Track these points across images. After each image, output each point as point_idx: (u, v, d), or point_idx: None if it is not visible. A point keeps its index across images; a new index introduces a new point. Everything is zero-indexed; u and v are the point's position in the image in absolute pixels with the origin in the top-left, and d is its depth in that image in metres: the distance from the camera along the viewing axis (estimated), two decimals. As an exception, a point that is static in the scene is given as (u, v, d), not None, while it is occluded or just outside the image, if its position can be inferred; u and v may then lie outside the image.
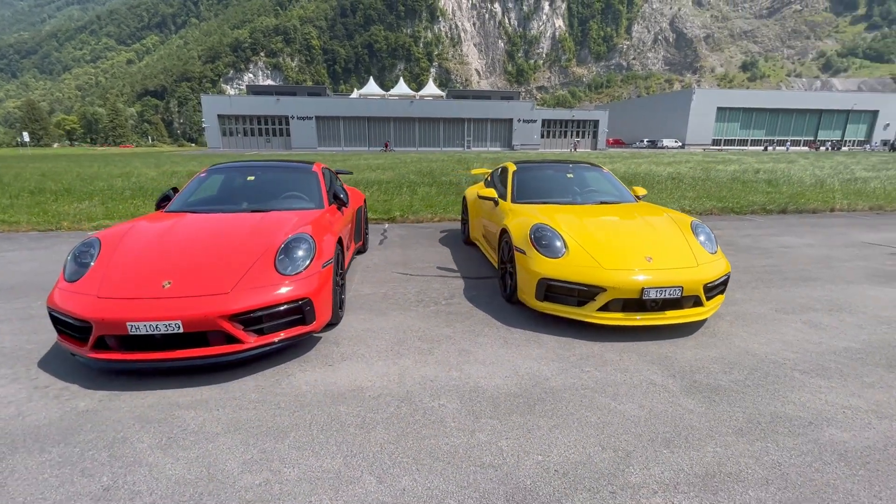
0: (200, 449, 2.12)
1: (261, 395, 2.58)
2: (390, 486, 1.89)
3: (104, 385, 2.65)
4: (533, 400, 2.53)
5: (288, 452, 2.09)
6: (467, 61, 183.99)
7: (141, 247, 3.04)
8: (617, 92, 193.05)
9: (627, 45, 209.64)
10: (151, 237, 3.19)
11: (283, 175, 4.49)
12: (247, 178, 4.37)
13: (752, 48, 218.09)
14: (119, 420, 2.33)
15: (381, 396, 2.56)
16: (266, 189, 4.25)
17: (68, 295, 2.67)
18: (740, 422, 2.33)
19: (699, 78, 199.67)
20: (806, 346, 3.20)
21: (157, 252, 2.98)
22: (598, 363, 2.96)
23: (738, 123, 71.52)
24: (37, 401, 2.50)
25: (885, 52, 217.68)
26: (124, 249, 2.99)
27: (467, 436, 2.22)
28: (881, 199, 10.23)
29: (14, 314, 3.75)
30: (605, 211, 4.24)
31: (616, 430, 2.27)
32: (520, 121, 62.32)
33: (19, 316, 3.72)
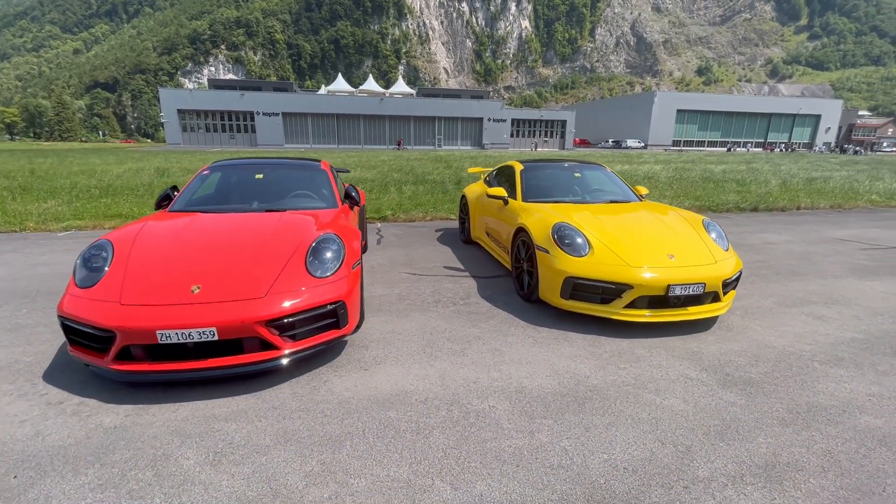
0: (254, 463, 2.00)
1: (301, 403, 2.47)
2: (466, 492, 1.85)
3: (125, 398, 2.47)
4: (580, 398, 2.54)
5: (349, 462, 2.01)
6: (435, 59, 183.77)
7: (158, 250, 2.84)
8: (581, 93, 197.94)
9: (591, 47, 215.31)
10: (167, 239, 2.99)
11: (291, 173, 4.32)
12: (255, 177, 4.17)
13: (706, 54, 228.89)
14: (155, 436, 2.17)
15: (428, 400, 2.51)
16: (276, 188, 4.08)
17: (85, 302, 2.46)
18: (781, 412, 2.43)
19: (658, 81, 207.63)
20: (816, 338, 3.37)
21: (177, 255, 2.79)
22: (630, 360, 3.01)
23: (696, 125, 74.84)
24: (54, 418, 2.30)
25: (825, 61, 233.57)
26: (140, 253, 2.79)
27: (527, 437, 2.20)
28: (839, 198, 10.95)
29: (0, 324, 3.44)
30: (617, 210, 4.32)
31: (669, 425, 2.31)
32: (490, 120, 62.83)
33: (5, 326, 3.41)
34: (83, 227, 7.10)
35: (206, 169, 4.21)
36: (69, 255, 5.44)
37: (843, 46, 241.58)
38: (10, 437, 2.14)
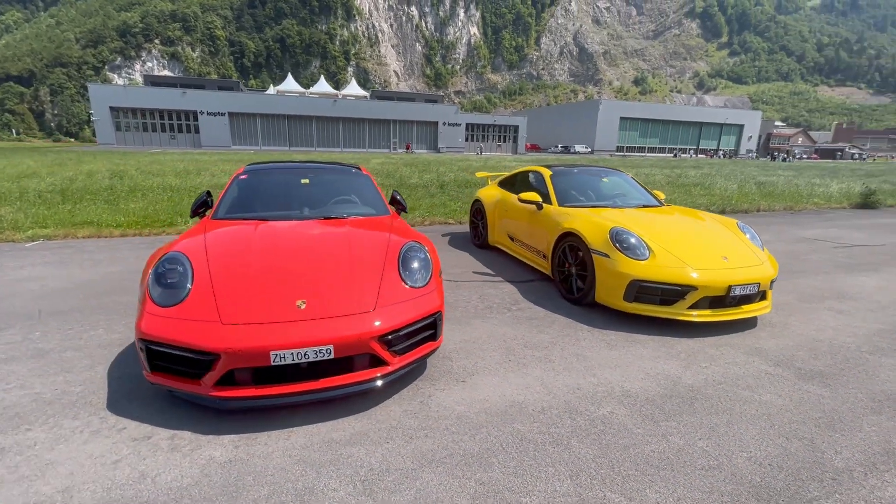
0: (410, 489, 1.87)
1: (419, 421, 2.35)
2: (641, 501, 1.84)
3: (220, 428, 2.23)
4: (686, 398, 2.61)
5: (508, 480, 1.94)
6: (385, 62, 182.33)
7: (239, 261, 2.59)
8: (529, 99, 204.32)
9: (537, 55, 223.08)
10: (242, 249, 2.73)
11: (335, 178, 4.10)
12: (300, 181, 3.92)
13: (642, 65, 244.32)
14: (282, 467, 1.98)
15: (545, 410, 2.47)
16: (323, 193, 3.85)
17: (176, 323, 2.19)
18: (865, 401, 2.62)
19: (599, 90, 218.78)
20: (852, 331, 3.67)
21: (263, 267, 2.56)
22: (706, 359, 3.13)
23: (637, 132, 79.54)
24: (152, 456, 2.03)
25: (743, 76, 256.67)
26: (220, 265, 2.53)
27: (662, 441, 2.22)
28: (789, 201, 12.03)
29: (17, 351, 2.99)
30: (656, 214, 4.48)
31: (780, 419, 2.42)
32: (445, 124, 63.27)
33: (26, 353, 2.98)
34: (52, 236, 6.36)
35: (244, 173, 3.90)
36: (51, 269, 4.85)
37: (758, 63, 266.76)
38: (112, 483, 1.87)
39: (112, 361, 2.88)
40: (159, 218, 7.51)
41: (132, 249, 5.82)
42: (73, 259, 5.29)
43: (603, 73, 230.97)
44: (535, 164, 26.67)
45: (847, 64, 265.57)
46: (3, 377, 2.67)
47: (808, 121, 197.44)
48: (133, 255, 5.56)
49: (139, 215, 7.63)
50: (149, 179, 12.63)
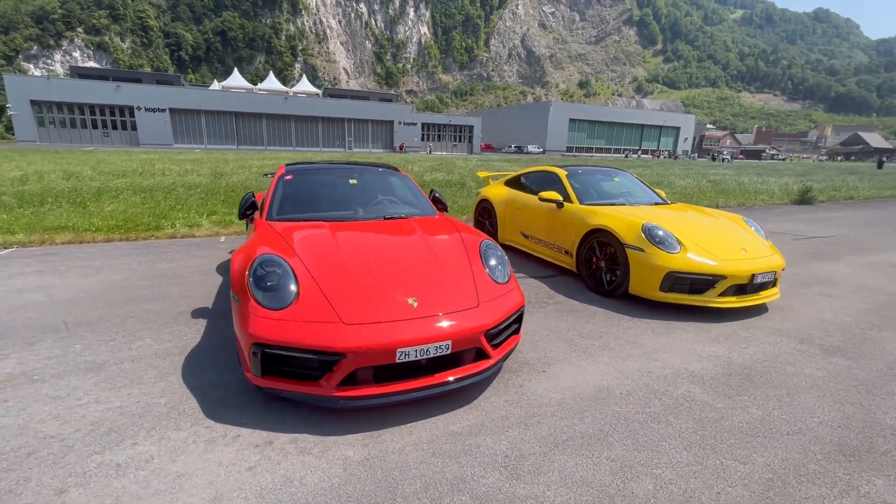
0: (553, 470, 1.99)
1: (524, 409, 2.46)
2: (754, 463, 2.07)
3: (336, 428, 2.23)
4: (743, 376, 2.90)
5: (633, 455, 2.10)
6: (335, 59, 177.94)
7: (332, 262, 2.58)
8: (480, 100, 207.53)
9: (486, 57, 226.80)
10: (329, 251, 2.71)
11: (379, 178, 4.09)
12: (348, 181, 3.87)
13: (585, 69, 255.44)
14: (422, 461, 2.03)
15: (631, 392, 2.66)
16: (371, 193, 3.85)
17: (294, 325, 2.17)
18: (885, 369, 3.03)
19: (547, 92, 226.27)
20: (849, 310, 4.18)
21: (361, 266, 2.57)
22: (741, 340, 3.47)
23: (585, 133, 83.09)
24: (285, 460, 2.01)
25: (677, 81, 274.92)
26: (318, 267, 2.51)
27: (744, 412, 2.48)
28: (741, 198, 13.17)
29: (66, 365, 2.79)
30: (672, 210, 4.83)
31: (827, 388, 2.76)
32: (401, 123, 62.95)
33: (77, 366, 2.78)
34: (26, 242, 5.81)
35: (287, 173, 3.80)
36: (49, 278, 4.48)
37: (689, 70, 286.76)
38: (260, 488, 1.85)
39: (181, 370, 2.76)
40: (142, 221, 7.05)
41: (129, 256, 5.46)
42: (68, 267, 4.89)
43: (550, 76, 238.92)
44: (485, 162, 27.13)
45: (765, 73, 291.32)
46: (69, 392, 2.49)
47: (734, 124, 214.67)
48: (133, 261, 5.22)
49: (118, 219, 7.12)
50: (113, 181, 11.71)
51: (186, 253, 5.68)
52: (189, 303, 3.94)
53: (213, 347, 3.09)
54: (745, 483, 1.95)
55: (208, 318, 3.60)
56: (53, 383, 2.59)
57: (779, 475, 2.00)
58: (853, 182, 20.81)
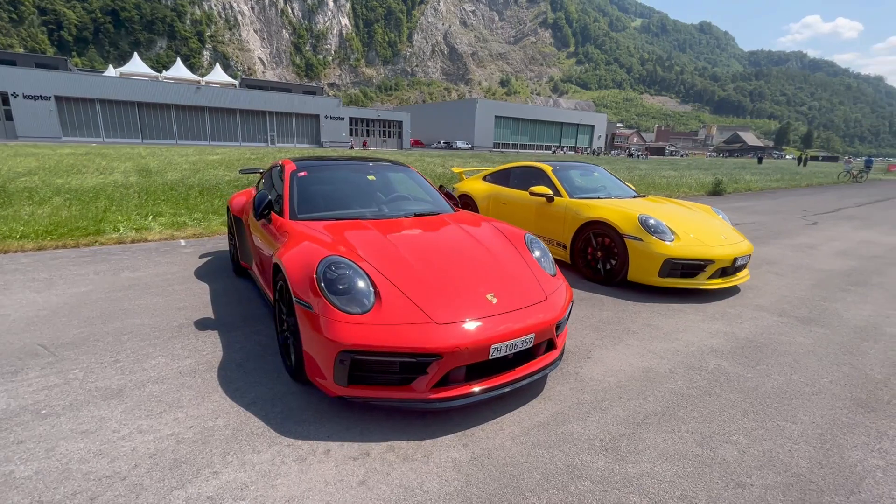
0: (647, 447, 2.12)
1: (591, 394, 2.57)
2: (802, 421, 2.36)
3: (427, 432, 2.17)
4: (752, 347, 3.27)
5: (707, 426, 2.30)
6: (248, 48, 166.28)
7: (397, 261, 2.48)
8: (405, 95, 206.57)
9: (410, 52, 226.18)
10: (388, 250, 2.60)
11: (394, 175, 3.94)
12: (367, 178, 3.69)
13: (506, 68, 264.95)
14: (529, 453, 2.06)
15: (673, 371, 2.89)
16: (389, 190, 3.71)
17: (386, 329, 2.07)
18: (852, 334, 3.57)
19: (470, 89, 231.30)
20: (800, 286, 4.83)
21: (424, 265, 2.49)
22: (734, 317, 3.89)
23: (510, 130, 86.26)
24: (394, 469, 1.93)
25: (588, 82, 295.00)
26: (388, 267, 2.41)
27: (769, 379, 2.80)
28: (666, 190, 14.54)
29: (76, 395, 2.41)
30: (655, 203, 5.21)
31: (820, 352, 3.20)
32: (327, 117, 60.79)
33: (94, 394, 2.41)
34: (-67, 255, 4.83)
35: (301, 170, 3.53)
36: (26, 294, 3.79)
37: (599, 72, 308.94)
38: (383, 500, 1.76)
39: (222, 388, 2.50)
40: (77, 226, 6.16)
41: (78, 265, 4.76)
42: (7, 282, 4.16)
43: (473, 73, 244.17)
44: (422, 158, 27.23)
45: (662, 77, 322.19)
46: (99, 425, 2.16)
47: (638, 123, 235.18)
48: (88, 270, 4.57)
49: (44, 224, 6.15)
50: (18, 180, 10.00)
51: (148, 260, 5.07)
52: (186, 314, 3.55)
53: (245, 360, 2.83)
54: (805, 439, 2.22)
55: (218, 329, 3.28)
56: (72, 416, 2.22)
57: (825, 430, 2.31)
58: (747, 175, 23.85)
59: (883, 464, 2.07)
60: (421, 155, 35.16)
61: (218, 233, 6.52)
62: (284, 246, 2.65)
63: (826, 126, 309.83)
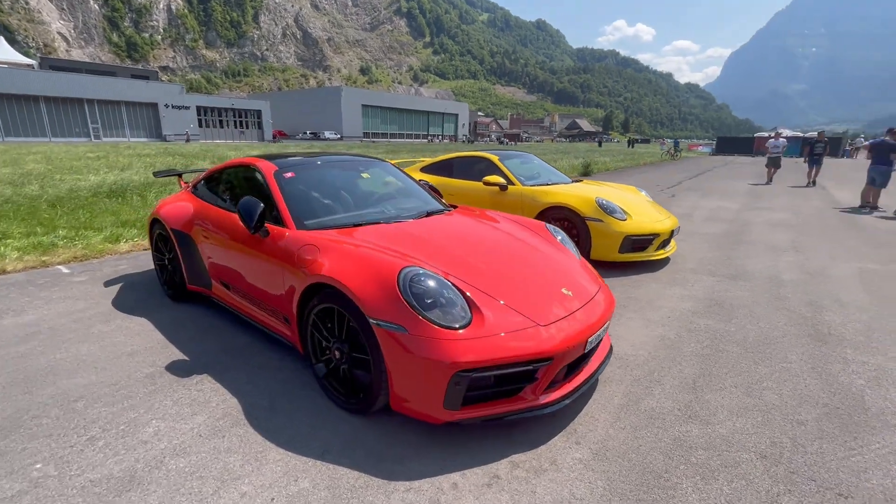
0: (720, 406, 2.36)
1: (642, 370, 2.76)
2: (811, 358, 2.88)
3: (524, 439, 2.11)
4: (728, 307, 3.83)
5: (757, 377, 2.65)
6: (42, 20, 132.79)
7: (467, 263, 2.31)
8: (257, 81, 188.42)
9: (258, 34, 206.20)
10: (449, 252, 2.40)
11: (379, 171, 3.52)
12: (361, 176, 3.24)
13: (365, 56, 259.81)
14: (643, 437, 2.13)
15: (680, 336, 3.24)
16: (384, 188, 3.35)
17: (497, 340, 1.90)
18: (770, 285, 4.44)
19: (330, 76, 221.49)
20: (705, 249, 5.79)
21: (489, 265, 2.36)
22: (684, 282, 4.50)
23: (379, 119, 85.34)
24: (532, 485, 1.82)
25: (446, 73, 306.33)
26: (465, 272, 2.22)
27: (756, 329, 3.34)
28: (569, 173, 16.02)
29: (74, 486, 1.75)
30: (597, 186, 5.67)
31: (766, 303, 3.91)
32: (168, 106, 52.66)
33: (104, 483, 1.78)
34: None
35: (285, 170, 2.94)
36: None
37: (454, 62, 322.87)
38: (550, 521, 1.66)
39: (271, 442, 2.06)
40: None
41: None
42: None
43: (330, 60, 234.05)
44: (267, 151, 25.65)
45: (510, 69, 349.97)
46: None
47: (493, 112, 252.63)
48: (22, 300, 3.28)
49: None
50: None
51: (28, 298, 3.84)
52: (145, 360, 2.80)
53: (273, 402, 2.36)
54: (808, 374, 2.70)
55: (206, 372, 2.66)
56: None
57: (812, 364, 2.83)
58: (599, 157, 27.52)
59: (864, 381, 2.64)
60: (305, 146, 32.75)
61: (109, 252, 5.23)
62: (322, 261, 2.24)
63: (637, 114, 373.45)
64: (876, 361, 2.87)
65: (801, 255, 5.52)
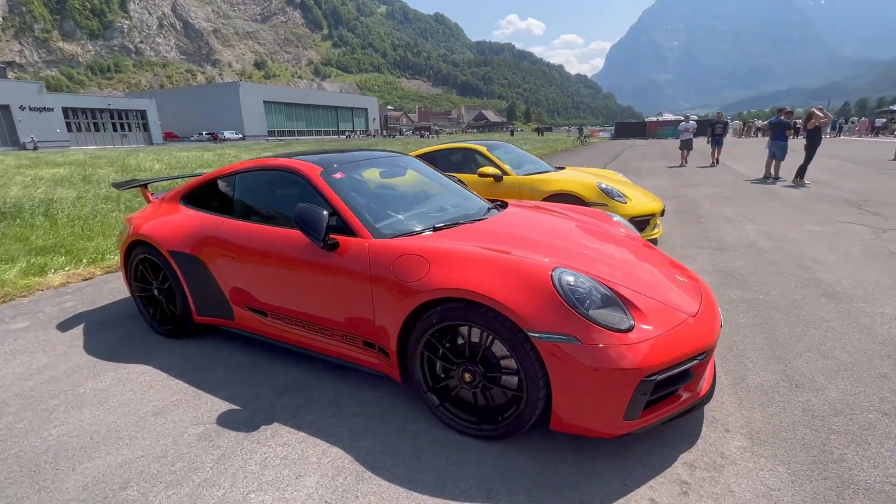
0: (817, 362, 2.48)
1: (724, 349, 2.81)
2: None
3: (671, 435, 2.03)
4: (731, 274, 4.09)
5: (812, 338, 2.82)
6: None
7: (586, 258, 2.15)
8: (133, 78, 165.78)
9: (128, 24, 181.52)
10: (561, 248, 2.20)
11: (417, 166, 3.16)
12: (405, 173, 2.86)
13: (258, 49, 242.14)
14: (785, 413, 2.14)
15: (723, 309, 3.39)
16: (425, 186, 3.02)
17: (667, 339, 1.78)
18: (751, 250, 4.86)
19: (220, 71, 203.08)
20: (674, 217, 6.21)
21: (600, 258, 2.22)
22: (684, 257, 4.76)
23: (284, 116, 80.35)
24: (720, 486, 1.74)
25: (349, 66, 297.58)
26: (591, 268, 2.03)
27: (774, 294, 3.60)
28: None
29: None
30: (587, 173, 5.75)
31: (764, 269, 4.25)
32: (24, 108, 44.74)
33: None
34: None
35: (332, 172, 2.48)
36: None
37: (356, 55, 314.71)
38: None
39: (428, 489, 1.74)
40: None
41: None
42: None
43: (219, 54, 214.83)
44: (193, 153, 23.48)
45: (413, 62, 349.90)
46: None
47: (401, 105, 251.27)
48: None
49: None
50: None
51: (-44, 358, 2.91)
52: (187, 418, 2.24)
53: (383, 445, 2.01)
54: (847, 328, 2.96)
55: (277, 420, 2.20)
56: None
57: (843, 317, 3.11)
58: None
59: (888, 328, 2.96)
60: (220, 151, 29.68)
61: (36, 288, 4.19)
62: (438, 272, 1.92)
63: (536, 104, 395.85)
64: (891, 311, 3.24)
65: (756, 224, 6.15)
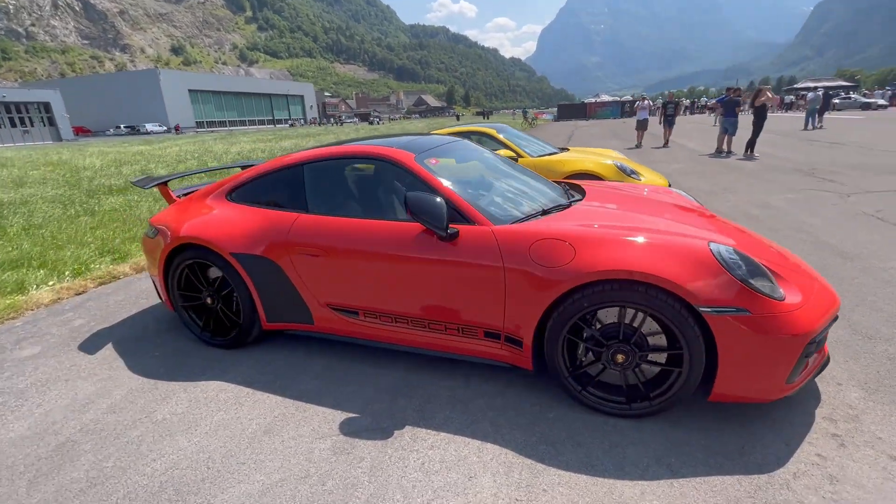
0: (877, 318, 2.72)
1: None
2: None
3: (781, 410, 2.16)
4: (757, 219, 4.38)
5: (881, 299, 3.09)
6: None
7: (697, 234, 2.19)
8: (26, 66, 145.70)
9: (15, 5, 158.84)
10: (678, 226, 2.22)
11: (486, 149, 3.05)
12: (485, 155, 2.78)
13: (175, 33, 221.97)
14: (868, 366, 2.33)
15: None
16: (505, 168, 2.94)
17: (811, 304, 1.87)
18: (763, 209, 5.23)
19: (132, 58, 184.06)
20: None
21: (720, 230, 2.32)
22: (695, 229, 5.03)
23: (212, 105, 74.91)
24: (842, 460, 1.88)
25: (278, 51, 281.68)
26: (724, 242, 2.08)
27: (801, 250, 3.90)
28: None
29: None
30: (585, 152, 5.85)
31: (778, 228, 4.60)
32: None
33: None
34: None
35: (429, 158, 2.32)
36: None
37: (285, 40, 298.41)
38: None
39: (606, 478, 1.72)
40: None
41: None
42: None
43: (129, 38, 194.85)
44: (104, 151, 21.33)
45: (347, 46, 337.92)
46: None
47: (338, 92, 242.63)
48: None
49: None
50: None
51: None
52: (305, 432, 2.05)
53: (540, 436, 1.96)
54: (867, 279, 3.28)
55: (409, 423, 2.08)
56: None
57: (862, 270, 3.45)
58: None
59: None
60: (138, 145, 27.06)
61: (25, 308, 3.64)
62: (590, 254, 1.88)
63: (474, 88, 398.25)
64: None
65: (737, 195, 6.61)
